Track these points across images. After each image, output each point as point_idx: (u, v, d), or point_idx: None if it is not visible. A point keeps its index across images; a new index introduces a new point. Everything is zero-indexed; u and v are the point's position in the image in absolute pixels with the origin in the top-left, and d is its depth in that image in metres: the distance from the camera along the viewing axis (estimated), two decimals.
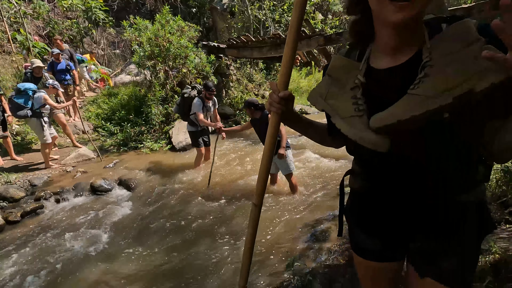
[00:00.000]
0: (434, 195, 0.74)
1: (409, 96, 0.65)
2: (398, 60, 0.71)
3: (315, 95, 0.85)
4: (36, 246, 3.03)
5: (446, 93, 0.60)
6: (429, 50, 0.64)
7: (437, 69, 0.62)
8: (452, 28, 0.64)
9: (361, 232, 0.92)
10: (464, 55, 0.60)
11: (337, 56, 0.84)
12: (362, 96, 0.75)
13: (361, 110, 0.73)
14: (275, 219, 3.16)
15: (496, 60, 0.52)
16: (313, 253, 2.43)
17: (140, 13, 11.33)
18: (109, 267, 2.65)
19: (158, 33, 6.48)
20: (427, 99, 0.62)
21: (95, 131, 6.71)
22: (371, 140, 0.72)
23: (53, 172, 4.77)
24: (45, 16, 9.32)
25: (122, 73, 9.76)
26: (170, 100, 6.97)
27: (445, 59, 0.62)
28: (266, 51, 6.91)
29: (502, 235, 1.83)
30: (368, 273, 0.95)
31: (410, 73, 0.67)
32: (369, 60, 0.77)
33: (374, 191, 0.85)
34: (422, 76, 0.63)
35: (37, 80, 5.11)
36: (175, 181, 4.41)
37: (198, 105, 4.23)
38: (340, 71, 0.81)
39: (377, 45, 0.75)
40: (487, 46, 0.58)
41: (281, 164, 3.45)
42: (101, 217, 3.55)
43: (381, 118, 0.69)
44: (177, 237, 3.04)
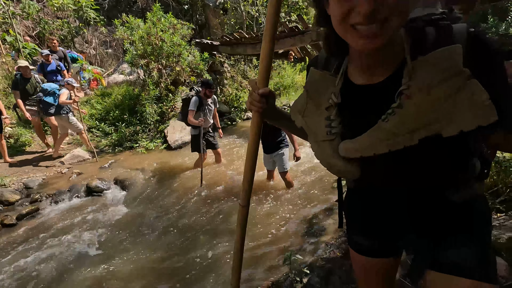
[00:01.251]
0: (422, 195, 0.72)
1: (378, 128, 0.62)
2: (375, 78, 0.66)
3: (295, 111, 0.82)
4: (33, 249, 3.01)
5: (413, 134, 0.57)
6: (410, 74, 0.58)
7: (412, 101, 0.57)
8: (438, 53, 0.56)
9: (356, 228, 0.91)
10: (441, 91, 0.55)
11: (313, 70, 0.78)
12: (337, 116, 0.70)
13: (333, 134, 0.70)
14: (272, 214, 3.19)
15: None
16: (310, 247, 2.46)
17: (131, 11, 11.20)
18: (107, 267, 2.65)
19: (150, 31, 6.42)
20: (394, 136, 0.59)
21: (89, 132, 6.64)
22: (338, 168, 0.70)
23: (48, 174, 4.73)
24: (35, 16, 9.16)
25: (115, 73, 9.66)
26: (164, 99, 6.93)
27: (423, 91, 0.56)
28: (259, 48, 6.84)
29: (493, 224, 1.87)
30: (363, 269, 0.94)
31: (387, 94, 0.62)
32: (347, 73, 0.72)
33: (365, 188, 0.84)
34: (396, 106, 0.59)
35: (26, 81, 5.05)
36: (171, 180, 4.41)
37: (193, 102, 3.97)
38: (316, 87, 0.75)
39: (352, 61, 0.70)
40: (470, 81, 0.53)
41: (279, 162, 3.47)
42: (97, 218, 3.54)
43: (346, 149, 0.67)
44: (174, 236, 3.05)
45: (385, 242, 0.85)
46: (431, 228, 0.73)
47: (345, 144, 0.67)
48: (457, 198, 0.69)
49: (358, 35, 0.55)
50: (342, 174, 0.73)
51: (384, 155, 0.63)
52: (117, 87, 7.74)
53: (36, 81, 5.22)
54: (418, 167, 0.66)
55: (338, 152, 0.69)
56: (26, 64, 5.08)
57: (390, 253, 0.88)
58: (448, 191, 0.69)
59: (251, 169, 0.93)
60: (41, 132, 5.55)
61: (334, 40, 0.67)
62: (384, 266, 0.90)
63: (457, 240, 0.71)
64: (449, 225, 0.72)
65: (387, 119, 0.60)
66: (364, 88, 0.68)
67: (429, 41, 0.60)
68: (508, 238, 1.70)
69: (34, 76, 5.23)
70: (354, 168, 0.68)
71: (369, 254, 0.89)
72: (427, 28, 0.61)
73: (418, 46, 0.60)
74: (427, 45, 0.59)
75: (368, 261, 0.90)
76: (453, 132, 0.55)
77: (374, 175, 0.71)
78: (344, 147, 0.67)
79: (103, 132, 6.45)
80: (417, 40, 0.61)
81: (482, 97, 0.53)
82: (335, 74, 0.73)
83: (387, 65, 0.64)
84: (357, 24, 0.54)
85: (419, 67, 0.58)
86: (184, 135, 6.08)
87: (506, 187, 2.08)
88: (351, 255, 0.97)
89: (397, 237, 0.80)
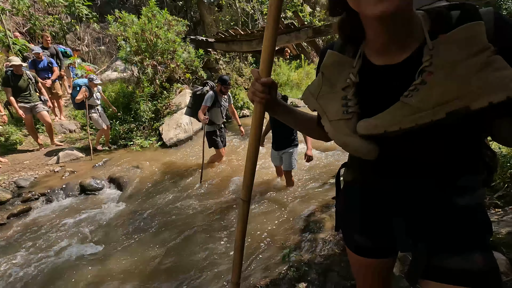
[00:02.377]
0: (427, 196, 0.70)
1: (401, 104, 0.61)
2: (394, 58, 0.66)
3: (308, 93, 0.81)
4: (25, 249, 2.94)
5: (440, 107, 0.57)
6: (431, 52, 0.58)
7: (435, 77, 0.57)
8: (460, 31, 0.56)
9: (352, 226, 0.89)
10: (467, 66, 0.55)
11: (330, 52, 0.77)
12: (355, 96, 0.70)
13: (350, 113, 0.69)
14: (270, 212, 3.17)
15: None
16: (308, 244, 2.44)
17: (125, 7, 11.04)
18: (102, 267, 2.60)
19: (144, 27, 6.32)
20: (419, 111, 0.59)
21: (82, 130, 6.55)
22: (355, 147, 0.69)
23: (40, 173, 4.64)
24: (25, 12, 8.97)
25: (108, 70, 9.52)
26: (159, 96, 6.85)
27: (446, 68, 0.57)
28: (255, 45, 6.84)
29: (492, 219, 1.87)
30: (360, 268, 0.93)
31: (407, 74, 0.62)
32: (365, 55, 0.71)
33: (365, 186, 0.82)
34: (419, 83, 0.59)
35: (18, 77, 4.94)
36: (166, 178, 4.36)
37: (208, 97, 3.81)
38: (333, 69, 0.75)
39: (369, 43, 0.70)
40: (494, 57, 0.54)
41: (286, 160, 3.41)
42: (91, 217, 3.48)
43: (367, 125, 0.66)
44: (171, 234, 3.01)
45: (382, 241, 0.83)
46: (430, 230, 0.72)
47: (366, 122, 0.66)
48: (461, 202, 0.67)
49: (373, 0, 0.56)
50: (358, 152, 0.70)
51: (405, 136, 0.62)
52: (111, 85, 7.62)
53: (28, 78, 5.11)
54: (431, 150, 0.65)
55: (355, 131, 0.68)
56: (19, 63, 4.97)
57: (387, 253, 0.86)
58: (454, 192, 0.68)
59: (253, 164, 0.90)
60: (33, 130, 5.44)
61: (349, 24, 0.68)
62: (381, 266, 0.89)
63: (458, 247, 0.70)
64: (449, 230, 0.70)
65: (411, 95, 0.60)
66: (383, 68, 0.68)
67: (453, 21, 0.60)
68: (506, 233, 1.71)
69: (26, 72, 5.11)
70: (371, 147, 0.67)
71: (366, 254, 0.88)
72: (453, 12, 0.61)
73: (440, 27, 0.60)
74: (451, 25, 0.59)
75: (365, 261, 0.89)
76: (482, 104, 0.54)
77: (393, 154, 0.70)
78: (364, 124, 0.66)
79: (96, 130, 6.34)
80: (439, 21, 0.61)
81: (508, 71, 0.53)
82: (353, 57, 0.73)
83: (406, 46, 0.64)
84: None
85: (441, 45, 0.58)
86: (179, 133, 6.02)
87: (504, 182, 2.09)
88: (348, 254, 0.96)
89: (395, 237, 0.79)
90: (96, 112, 5.38)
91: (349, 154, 0.87)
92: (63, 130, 6.34)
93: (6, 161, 4.93)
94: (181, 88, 7.25)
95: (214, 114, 3.97)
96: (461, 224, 0.69)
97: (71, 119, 6.81)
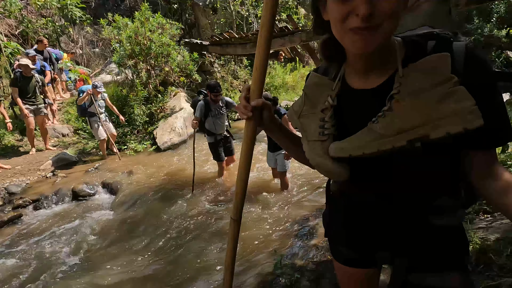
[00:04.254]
0: (404, 214, 0.71)
1: (367, 129, 0.64)
2: (371, 83, 0.68)
3: (291, 111, 0.84)
4: (15, 257, 2.90)
5: (401, 135, 0.59)
6: (400, 80, 0.61)
7: (401, 105, 0.60)
8: (427, 60, 0.59)
9: (336, 237, 0.91)
10: (430, 95, 0.57)
11: (312, 73, 0.81)
12: (332, 118, 0.72)
13: (326, 135, 0.71)
14: (262, 216, 3.16)
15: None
16: (300, 250, 2.44)
17: (119, 10, 10.98)
18: (94, 274, 2.58)
19: (138, 31, 6.30)
20: (382, 138, 0.61)
21: (75, 134, 6.49)
22: (328, 168, 0.71)
23: (32, 179, 4.58)
24: (17, 14, 8.88)
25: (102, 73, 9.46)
26: (153, 99, 6.82)
27: (412, 95, 0.59)
28: (250, 48, 6.86)
29: (480, 225, 1.89)
30: (345, 278, 0.95)
31: (380, 99, 0.64)
32: (345, 78, 0.74)
33: (349, 195, 0.82)
34: (386, 109, 0.61)
35: (26, 79, 4.96)
36: (160, 183, 4.33)
37: (198, 108, 3.71)
38: (314, 90, 0.78)
39: (349, 65, 0.72)
40: (456, 88, 0.56)
41: (280, 161, 3.48)
42: (84, 224, 3.44)
43: (335, 148, 0.68)
44: (164, 240, 2.99)
45: (365, 253, 0.84)
46: (407, 247, 0.73)
47: (335, 144, 0.69)
48: (438, 222, 0.68)
49: (354, 38, 0.58)
50: (330, 174, 0.73)
51: (374, 158, 0.64)
52: (105, 88, 7.56)
53: (36, 80, 5.11)
54: (405, 173, 0.66)
55: (328, 153, 0.70)
56: (26, 63, 4.96)
57: (371, 263, 0.87)
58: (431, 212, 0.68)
59: (244, 182, 0.87)
60: (33, 133, 5.37)
61: (331, 45, 0.70)
62: (366, 276, 0.90)
63: (436, 266, 0.71)
64: (427, 248, 0.71)
65: (377, 121, 0.62)
66: (360, 92, 0.70)
67: (427, 52, 0.62)
68: (495, 239, 1.72)
69: (35, 75, 5.10)
70: (342, 169, 0.69)
71: (351, 264, 0.89)
72: (429, 42, 0.63)
73: (415, 56, 0.62)
74: (425, 54, 0.61)
75: (349, 271, 0.90)
76: (440, 134, 0.56)
77: (362, 177, 0.72)
78: (334, 147, 0.69)
79: (90, 134, 6.29)
80: (415, 50, 0.63)
81: (468, 102, 0.55)
82: (334, 79, 0.76)
83: (382, 71, 0.66)
84: (355, 28, 0.57)
85: (410, 73, 0.60)
86: (173, 137, 6.00)
87: None
88: (334, 265, 0.97)
89: (375, 250, 0.80)
90: (97, 121, 5.10)
91: None
92: (56, 134, 6.28)
93: (9, 167, 4.88)
94: (176, 92, 7.23)
95: (209, 124, 3.85)
96: (438, 243, 0.70)
97: (64, 123, 6.75)
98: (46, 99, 5.39)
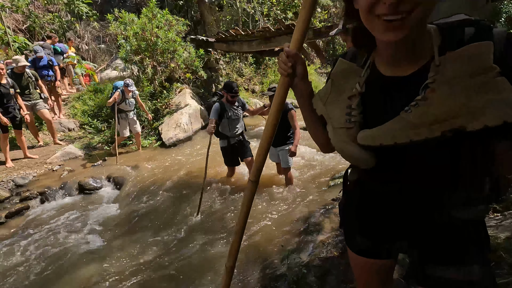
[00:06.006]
0: (425, 206, 0.70)
1: (399, 118, 0.62)
2: (403, 71, 0.66)
3: (317, 97, 0.83)
4: (22, 248, 2.93)
5: (436, 126, 0.57)
6: (436, 69, 0.58)
7: (437, 94, 0.57)
8: (468, 49, 0.56)
9: (354, 227, 0.90)
10: (468, 85, 0.55)
11: (341, 60, 0.79)
12: (358, 106, 0.71)
13: (352, 122, 0.71)
14: (268, 212, 3.16)
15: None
16: (307, 246, 2.44)
17: (125, 6, 11.02)
18: (100, 267, 2.60)
19: (145, 27, 6.31)
20: (415, 128, 0.59)
21: (81, 128, 6.53)
22: (353, 155, 0.70)
23: (38, 172, 4.62)
24: (24, 9, 8.94)
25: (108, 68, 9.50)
26: (158, 95, 6.84)
27: (449, 85, 0.56)
28: (255, 45, 6.84)
29: (491, 223, 1.88)
30: (361, 269, 0.94)
31: (413, 88, 0.62)
32: (375, 64, 0.72)
33: (365, 187, 0.82)
34: (420, 99, 0.59)
35: (18, 76, 4.92)
36: (165, 177, 4.34)
37: (213, 110, 3.46)
38: (342, 77, 0.76)
39: (379, 52, 0.70)
40: (497, 79, 0.53)
41: (283, 157, 3.46)
42: (90, 217, 3.47)
43: (365, 136, 0.67)
44: (168, 235, 3.00)
45: (382, 243, 0.84)
46: (426, 239, 0.72)
47: (365, 132, 0.68)
48: (459, 215, 0.67)
49: (383, 25, 0.57)
50: (355, 161, 0.72)
51: (403, 148, 0.63)
52: (110, 83, 7.60)
53: (28, 76, 5.09)
54: (432, 164, 0.65)
55: (354, 140, 0.69)
56: (25, 64, 4.96)
57: (388, 254, 0.87)
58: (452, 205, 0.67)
59: (268, 144, 0.89)
60: (34, 127, 5.42)
61: (361, 33, 0.68)
62: (382, 267, 0.90)
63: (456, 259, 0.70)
64: (446, 242, 0.70)
65: (410, 110, 0.61)
66: (390, 79, 0.68)
67: (466, 39, 0.59)
68: (505, 237, 1.71)
69: (26, 71, 5.11)
70: (369, 157, 0.69)
71: (367, 255, 0.89)
72: (466, 29, 0.60)
73: (453, 44, 0.59)
74: (463, 43, 0.58)
75: (366, 262, 0.90)
76: (477, 126, 0.54)
77: (388, 167, 0.70)
78: (363, 135, 0.68)
79: (96, 128, 6.33)
80: (452, 38, 0.61)
81: (510, 94, 0.52)
82: (363, 66, 0.74)
83: (415, 59, 0.64)
84: (383, 15, 0.56)
85: (448, 62, 0.58)
86: (178, 133, 6.02)
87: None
88: (349, 255, 0.96)
89: (393, 240, 0.80)
90: (125, 118, 5.20)
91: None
92: (62, 129, 6.32)
93: (36, 157, 5.01)
94: (181, 88, 7.24)
95: (223, 126, 3.60)
96: (458, 237, 0.69)
97: (70, 117, 6.79)
98: (42, 93, 5.37)
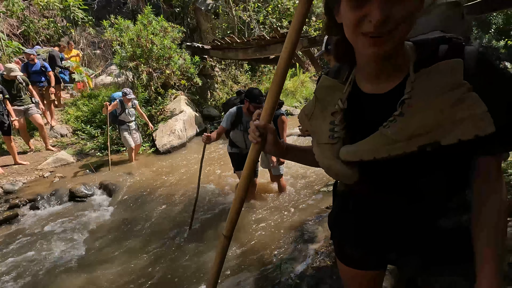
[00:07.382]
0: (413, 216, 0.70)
1: (378, 134, 0.64)
2: (382, 87, 0.67)
3: (302, 114, 0.85)
4: (11, 257, 2.85)
5: (413, 140, 0.58)
6: (412, 85, 0.60)
7: (413, 109, 0.59)
8: (439, 66, 0.59)
9: (344, 238, 0.90)
10: (442, 101, 0.57)
11: (323, 76, 0.81)
12: (341, 122, 0.72)
13: (336, 138, 0.72)
14: (261, 220, 3.14)
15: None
16: (300, 255, 2.42)
17: (121, 12, 11.04)
18: (90, 276, 2.54)
19: (140, 33, 6.33)
20: (393, 143, 0.61)
21: (74, 134, 6.46)
22: (337, 171, 0.72)
23: (29, 178, 4.54)
24: (19, 14, 8.90)
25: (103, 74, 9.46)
26: (153, 102, 6.82)
27: (423, 101, 0.58)
28: (251, 53, 6.90)
29: None
30: (351, 281, 0.94)
31: (391, 104, 0.64)
32: (356, 81, 0.74)
33: (358, 195, 0.82)
34: (398, 114, 0.61)
35: (8, 82, 4.85)
36: (158, 185, 4.30)
37: (227, 115, 3.02)
38: (325, 93, 0.78)
39: (360, 69, 0.72)
40: (469, 94, 0.55)
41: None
42: (81, 224, 3.41)
43: (346, 152, 0.68)
44: (162, 243, 2.96)
45: (374, 253, 0.84)
46: (420, 246, 0.72)
47: (346, 148, 0.69)
48: (446, 224, 0.68)
49: (368, 42, 0.58)
50: (339, 177, 0.74)
51: (384, 162, 0.64)
52: (105, 89, 7.57)
53: (19, 82, 5.03)
54: (415, 177, 0.66)
55: (338, 156, 0.70)
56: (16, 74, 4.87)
57: (377, 265, 0.87)
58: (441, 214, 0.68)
59: (241, 201, 0.88)
60: (26, 132, 5.34)
61: (344, 47, 0.70)
62: (373, 278, 0.90)
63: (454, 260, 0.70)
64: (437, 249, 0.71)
65: (388, 126, 0.62)
66: (371, 96, 0.69)
67: (439, 56, 0.61)
68: None
69: (17, 76, 5.04)
70: (352, 172, 0.70)
71: (358, 266, 0.89)
72: (441, 46, 0.63)
73: (427, 60, 0.62)
74: (437, 60, 0.61)
75: (356, 274, 0.90)
76: (451, 140, 0.56)
77: (372, 181, 0.72)
78: (345, 150, 0.69)
79: (89, 135, 6.27)
80: (426, 54, 0.63)
81: (480, 109, 0.54)
82: (345, 82, 0.75)
83: (394, 76, 0.66)
84: (368, 33, 0.57)
85: (422, 78, 0.60)
86: (172, 139, 5.99)
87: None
88: (339, 266, 0.96)
89: (385, 249, 0.80)
90: (127, 129, 5.04)
91: None
92: (54, 134, 6.25)
93: (27, 163, 4.91)
94: (176, 94, 7.23)
95: (237, 136, 3.15)
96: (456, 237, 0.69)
97: (62, 123, 6.72)
98: (33, 98, 5.32)
